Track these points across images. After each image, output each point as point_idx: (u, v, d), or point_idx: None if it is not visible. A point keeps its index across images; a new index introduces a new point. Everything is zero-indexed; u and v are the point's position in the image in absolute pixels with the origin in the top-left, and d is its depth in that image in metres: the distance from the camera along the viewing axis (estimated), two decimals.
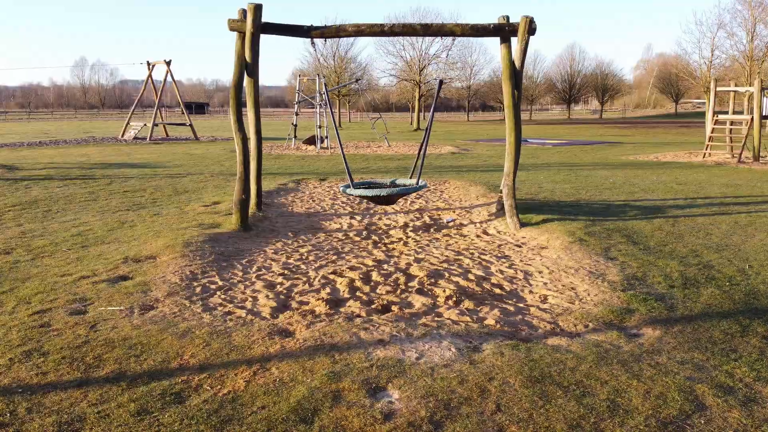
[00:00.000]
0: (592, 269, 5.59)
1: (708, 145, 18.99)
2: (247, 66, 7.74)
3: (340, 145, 7.84)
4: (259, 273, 5.56)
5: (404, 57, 50.65)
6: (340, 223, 8.19)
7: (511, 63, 7.81)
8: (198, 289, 4.97)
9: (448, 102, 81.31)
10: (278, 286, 5.14)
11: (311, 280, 5.31)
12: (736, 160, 17.43)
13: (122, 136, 28.72)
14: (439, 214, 8.91)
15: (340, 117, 53.96)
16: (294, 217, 8.60)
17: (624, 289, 4.98)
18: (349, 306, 4.57)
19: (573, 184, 12.04)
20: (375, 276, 5.43)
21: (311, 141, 22.70)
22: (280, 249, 6.60)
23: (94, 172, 14.04)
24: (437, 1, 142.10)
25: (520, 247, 6.70)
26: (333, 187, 11.73)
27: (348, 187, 7.59)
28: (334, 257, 6.26)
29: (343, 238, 7.33)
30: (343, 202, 9.83)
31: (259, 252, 6.42)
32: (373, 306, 4.56)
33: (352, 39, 52.53)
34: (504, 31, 7.77)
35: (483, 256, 6.24)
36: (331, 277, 5.41)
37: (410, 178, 8.30)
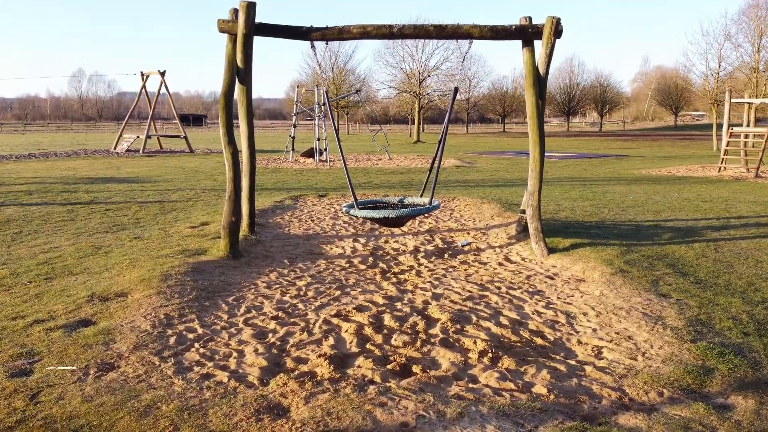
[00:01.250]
0: (645, 310, 4.70)
1: (723, 158, 18.20)
2: (239, 72, 6.89)
3: (343, 160, 6.97)
4: (248, 316, 4.64)
5: (404, 69, 49.90)
6: (343, 248, 7.30)
7: (535, 69, 6.97)
8: (172, 340, 4.05)
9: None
10: (270, 335, 4.22)
11: (310, 326, 4.39)
12: (752, 174, 16.63)
13: (114, 148, 27.84)
14: (452, 237, 8.02)
15: (338, 129, 53.13)
16: (291, 240, 7.70)
17: (693, 339, 4.08)
18: (359, 366, 3.64)
19: (592, 201, 11.18)
20: (388, 320, 4.52)
21: (310, 154, 21.84)
22: (274, 282, 5.69)
23: (78, 188, 13.13)
24: (437, 13, 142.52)
25: (552, 279, 5.80)
26: (333, 204, 10.84)
27: (351, 207, 6.72)
28: (338, 292, 5.36)
29: (347, 266, 6.43)
30: (345, 222, 8.95)
31: (249, 286, 5.51)
32: (388, 366, 3.63)
33: (351, 50, 51.99)
34: (527, 33, 6.94)
35: (512, 291, 5.34)
36: (335, 321, 4.50)
37: (421, 196, 7.44)
